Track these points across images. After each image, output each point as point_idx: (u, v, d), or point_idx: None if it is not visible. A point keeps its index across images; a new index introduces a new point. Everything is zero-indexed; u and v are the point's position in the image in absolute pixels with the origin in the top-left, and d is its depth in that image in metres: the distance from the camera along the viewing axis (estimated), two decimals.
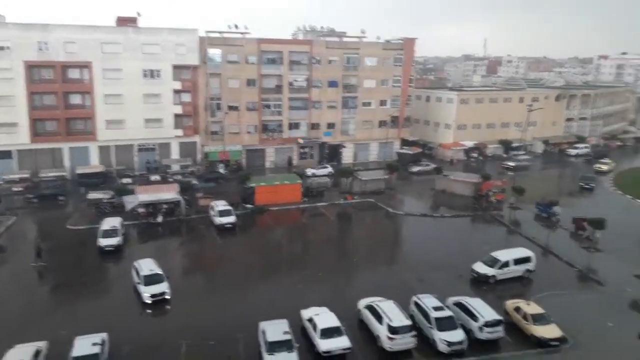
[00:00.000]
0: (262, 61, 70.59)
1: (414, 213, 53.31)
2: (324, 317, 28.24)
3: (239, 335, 28.53)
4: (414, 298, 30.91)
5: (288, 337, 26.37)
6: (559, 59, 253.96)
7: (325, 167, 70.16)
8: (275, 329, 26.92)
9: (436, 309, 29.02)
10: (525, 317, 29.51)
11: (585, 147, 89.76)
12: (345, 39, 78.13)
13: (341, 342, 26.62)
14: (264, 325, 27.60)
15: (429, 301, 29.88)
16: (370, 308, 29.56)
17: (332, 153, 77.34)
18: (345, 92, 75.77)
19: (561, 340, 28.06)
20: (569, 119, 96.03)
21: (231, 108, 69.89)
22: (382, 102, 78.36)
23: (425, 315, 29.10)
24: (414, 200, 59.10)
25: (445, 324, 28.00)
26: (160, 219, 48.31)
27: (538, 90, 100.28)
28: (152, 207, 48.53)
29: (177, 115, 67.46)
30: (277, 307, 31.02)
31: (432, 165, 70.65)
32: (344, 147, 77.83)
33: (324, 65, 73.64)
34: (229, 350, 27.23)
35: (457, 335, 27.55)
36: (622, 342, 27.65)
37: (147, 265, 34.74)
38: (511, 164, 74.06)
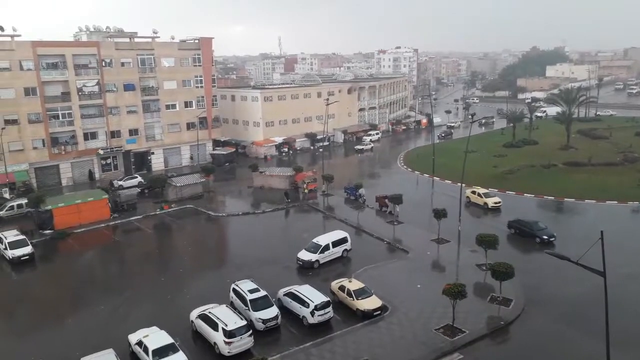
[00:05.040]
0: (40, 66, 62.23)
1: (236, 213, 53.13)
2: (155, 337, 26.34)
3: None
4: (233, 285, 32.00)
5: None
6: (346, 55, 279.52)
7: (135, 177, 65.27)
8: None
9: (251, 291, 30.67)
10: (349, 293, 31.63)
11: (377, 134, 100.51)
12: (137, 40, 73.44)
13: (177, 359, 25.11)
14: (87, 359, 24.59)
15: (245, 285, 31.41)
16: (203, 317, 28.53)
17: (139, 161, 72.38)
18: (145, 95, 71.53)
19: (382, 309, 30.88)
20: (361, 109, 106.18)
21: (8, 122, 60.20)
22: (188, 104, 76.08)
23: (243, 298, 30.51)
24: (234, 200, 58.89)
25: (259, 304, 29.78)
26: None
27: (332, 85, 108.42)
28: None
29: None
30: (99, 338, 27.86)
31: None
32: (152, 153, 73.51)
33: (116, 67, 68.30)
34: None
35: (271, 312, 29.40)
36: (430, 299, 31.60)
37: None
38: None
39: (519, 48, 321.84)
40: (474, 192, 53.53)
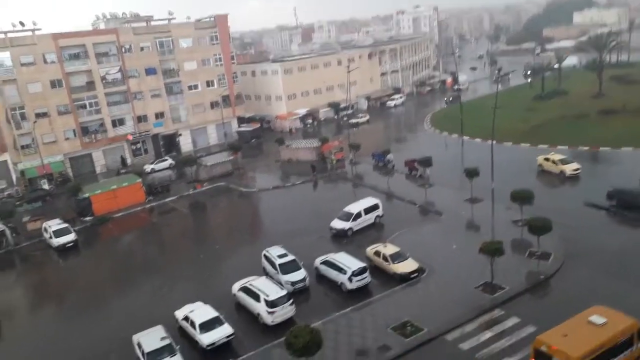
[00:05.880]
0: (63, 58, 63.16)
1: (267, 187, 53.67)
2: (200, 312, 27.30)
3: (112, 356, 26.28)
4: (263, 251, 33.43)
5: (167, 342, 24.91)
6: (364, 19, 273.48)
7: (165, 160, 66.51)
8: (151, 338, 25.27)
9: (280, 256, 32.13)
10: (385, 258, 31.87)
11: (401, 97, 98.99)
12: (153, 23, 73.53)
13: (223, 331, 26.00)
14: (138, 337, 25.79)
15: (274, 251, 32.95)
16: (245, 289, 29.29)
17: (168, 144, 73.43)
18: (167, 78, 71.97)
19: (419, 271, 31.02)
20: (383, 74, 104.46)
21: (39, 115, 61.70)
22: (209, 83, 76.26)
23: (272, 263, 32.07)
24: (263, 174, 59.44)
25: (288, 268, 31.26)
26: None
27: (352, 52, 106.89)
28: None
29: None
30: (147, 316, 28.92)
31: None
32: (180, 135, 74.41)
33: (136, 53, 68.73)
34: None
35: (299, 275, 30.85)
36: (467, 259, 31.55)
37: None
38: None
39: None
40: (547, 159, 47.22)
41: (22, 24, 60.61)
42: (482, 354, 23.28)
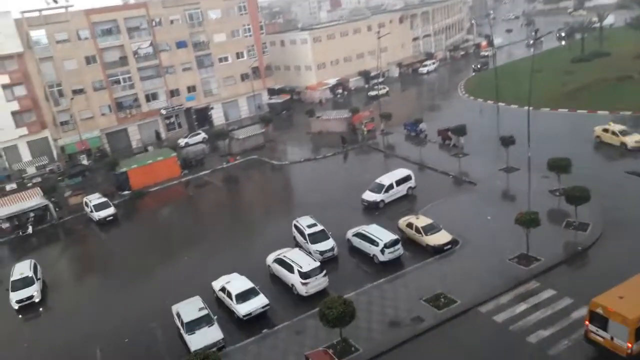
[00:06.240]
0: (96, 34, 64.03)
1: (298, 160, 53.88)
2: (236, 283, 28.06)
3: (153, 325, 27.43)
4: (294, 221, 34.33)
5: (204, 312, 25.81)
6: None
7: (198, 134, 67.39)
8: (189, 308, 26.24)
9: (310, 226, 32.89)
10: (417, 230, 31.70)
11: (433, 63, 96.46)
12: None
13: (259, 302, 26.70)
14: (177, 307, 26.80)
15: (304, 221, 33.64)
16: (279, 260, 29.85)
17: (201, 117, 74.26)
18: (197, 51, 72.19)
19: (453, 243, 30.83)
20: (415, 39, 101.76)
21: (76, 92, 63.26)
22: (239, 55, 76.12)
23: (302, 233, 32.91)
24: (295, 147, 59.55)
25: (317, 238, 32.07)
26: (30, 230, 43.41)
27: (382, 16, 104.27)
28: (18, 220, 43.32)
29: (15, 113, 59.51)
30: (185, 287, 29.94)
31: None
32: (212, 108, 75.04)
33: (166, 26, 69.00)
34: (146, 341, 26.04)
35: (328, 244, 31.66)
36: (502, 230, 31.09)
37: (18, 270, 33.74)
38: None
39: None
40: (606, 130, 43.20)
41: (55, 1, 61.57)
42: (516, 326, 23.19)
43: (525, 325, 23.19)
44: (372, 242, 30.67)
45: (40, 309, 31.74)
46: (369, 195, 38.93)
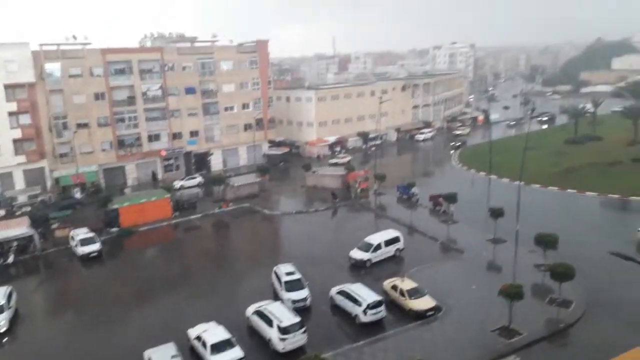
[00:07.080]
0: (109, 73, 65.93)
1: (290, 211, 54.15)
2: (213, 332, 27.49)
3: None
4: (275, 268, 35.15)
5: None
6: (400, 52, 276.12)
7: (194, 178, 67.97)
8: (161, 355, 25.69)
9: (288, 274, 33.76)
10: (402, 293, 31.58)
11: (430, 132, 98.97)
12: (197, 44, 76.30)
13: (233, 354, 26.11)
14: (149, 353, 26.14)
15: (284, 268, 34.58)
16: (259, 313, 29.44)
17: (199, 162, 75.11)
18: (205, 98, 74.08)
19: (435, 309, 30.64)
20: (415, 107, 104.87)
21: (80, 126, 64.23)
22: (245, 106, 78.10)
23: (279, 279, 33.67)
24: (288, 199, 60.01)
25: (292, 286, 32.79)
26: (11, 258, 42.81)
27: (386, 83, 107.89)
28: (0, 247, 42.80)
29: (16, 140, 60.16)
30: (160, 332, 29.38)
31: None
32: (212, 154, 76.07)
33: (178, 72, 71.14)
34: None
35: (302, 294, 32.25)
36: (485, 300, 31.05)
37: None
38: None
39: (583, 40, 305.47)
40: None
41: (74, 37, 63.87)
42: None
43: None
44: (355, 301, 30.42)
45: (5, 339, 30.76)
46: (357, 253, 38.95)
